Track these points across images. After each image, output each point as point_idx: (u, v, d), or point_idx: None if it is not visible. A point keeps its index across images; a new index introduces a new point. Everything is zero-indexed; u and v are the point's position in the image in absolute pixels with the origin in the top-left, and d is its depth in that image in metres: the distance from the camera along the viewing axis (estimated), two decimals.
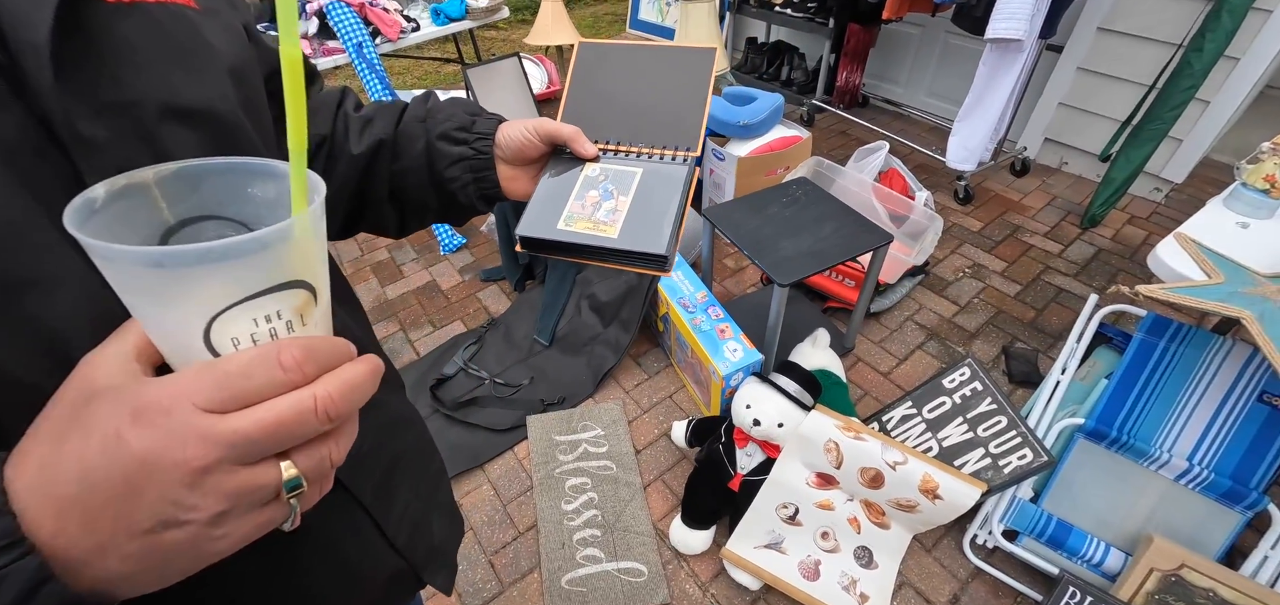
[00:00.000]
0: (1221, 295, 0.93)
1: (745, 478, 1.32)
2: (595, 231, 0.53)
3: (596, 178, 0.57)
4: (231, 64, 0.35)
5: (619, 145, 0.60)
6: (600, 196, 0.55)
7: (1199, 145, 2.21)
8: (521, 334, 1.93)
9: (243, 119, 0.35)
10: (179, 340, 0.23)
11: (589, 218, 0.54)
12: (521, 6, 5.16)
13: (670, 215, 0.53)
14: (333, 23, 2.31)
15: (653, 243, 0.51)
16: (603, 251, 0.53)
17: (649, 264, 0.53)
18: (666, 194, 0.55)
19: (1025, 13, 1.85)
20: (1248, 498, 1.12)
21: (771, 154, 2.07)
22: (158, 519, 0.21)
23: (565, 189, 0.56)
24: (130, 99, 0.28)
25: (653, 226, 0.52)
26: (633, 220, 0.53)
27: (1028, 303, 1.96)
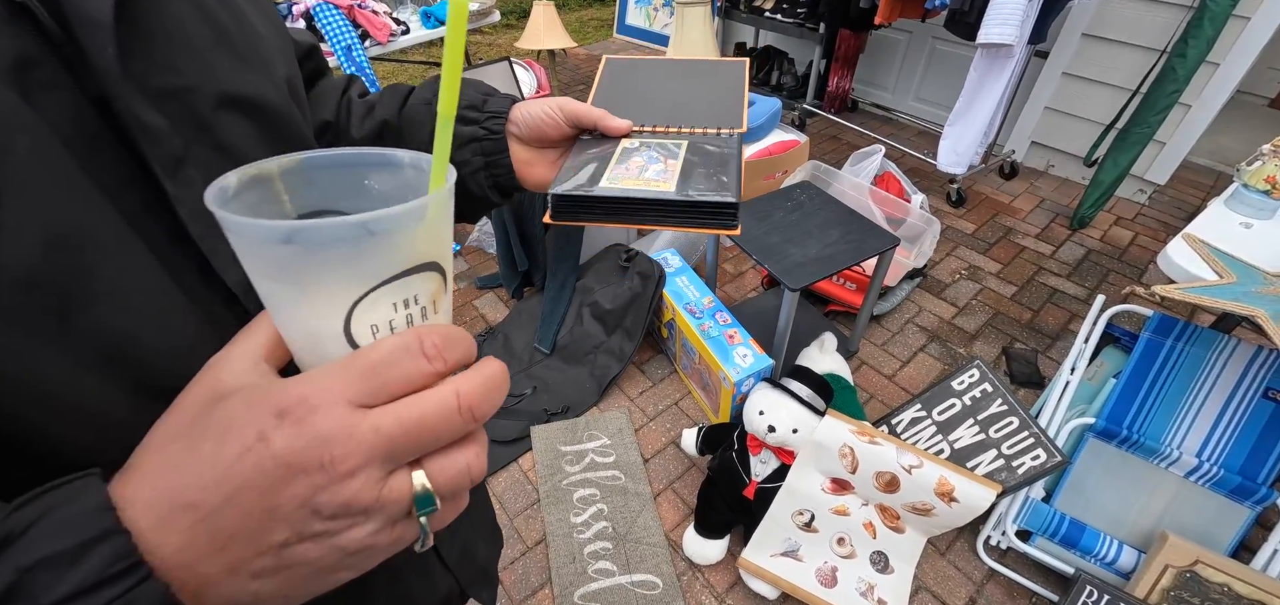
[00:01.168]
0: (1235, 295, 0.95)
1: (760, 485, 1.30)
2: (648, 187, 0.46)
3: (636, 148, 0.50)
4: (277, 49, 0.34)
5: (657, 127, 0.55)
6: (645, 161, 0.49)
7: (1181, 148, 2.28)
8: (521, 343, 1.89)
9: (293, 108, 0.33)
10: (315, 332, 0.21)
11: (637, 177, 0.47)
12: (512, 11, 5.12)
13: (732, 169, 0.47)
14: (320, 25, 2.25)
15: (720, 191, 0.45)
16: (659, 206, 0.45)
17: (715, 219, 0.46)
18: (722, 153, 0.50)
19: (1016, 18, 1.88)
20: (1256, 492, 1.14)
21: (770, 158, 2.07)
22: (295, 530, 0.19)
23: (602, 157, 0.49)
24: (187, 85, 0.26)
25: (714, 179, 0.46)
26: (688, 177, 0.47)
27: (1024, 303, 1.99)
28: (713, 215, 0.46)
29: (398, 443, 0.20)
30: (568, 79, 4.01)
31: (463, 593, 0.50)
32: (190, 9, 0.27)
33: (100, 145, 0.23)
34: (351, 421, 0.19)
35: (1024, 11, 1.84)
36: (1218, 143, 2.70)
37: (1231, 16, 1.85)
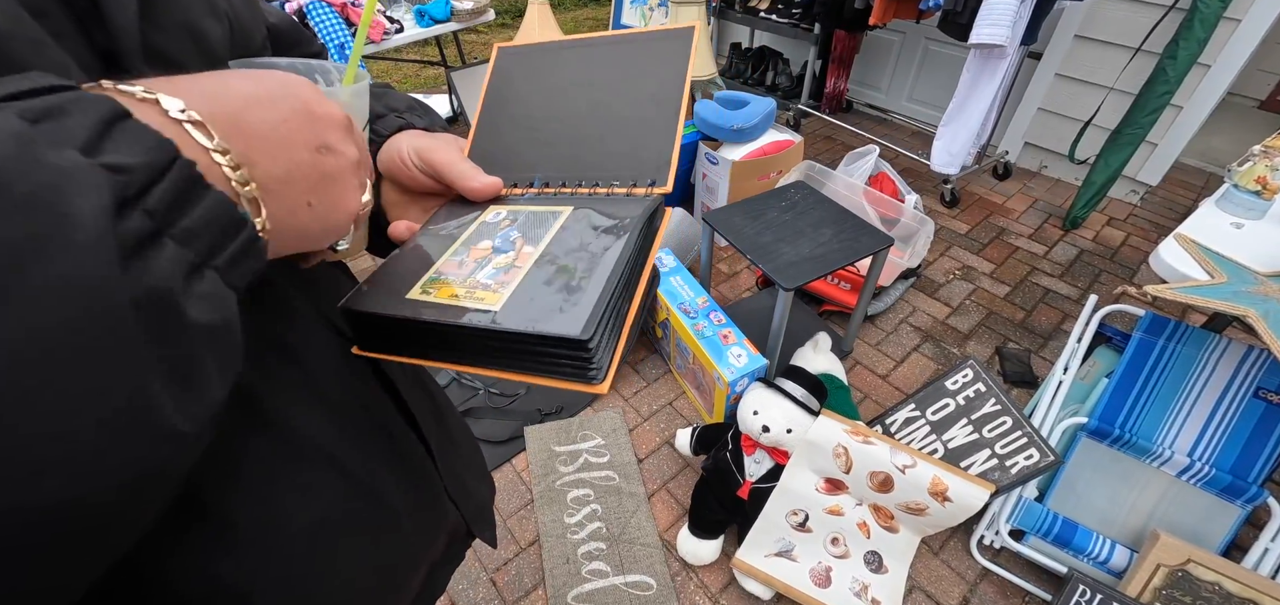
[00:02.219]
0: (1227, 294, 0.95)
1: (754, 485, 1.30)
2: (467, 300, 0.32)
3: (497, 223, 0.38)
4: (253, 22, 0.37)
5: (546, 187, 0.42)
6: (494, 247, 0.36)
7: (1173, 149, 2.29)
8: None
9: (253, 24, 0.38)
10: None
11: (464, 280, 0.33)
12: (507, 10, 5.10)
13: (602, 277, 0.32)
14: (313, 22, 2.23)
15: (561, 320, 0.30)
16: (475, 337, 0.31)
17: (563, 364, 0.30)
18: (604, 244, 0.34)
19: (1008, 19, 1.88)
20: (1247, 491, 1.14)
21: (765, 158, 2.07)
22: (321, 140, 0.27)
23: (443, 242, 0.37)
24: (178, 57, 0.28)
25: (573, 297, 0.31)
26: (535, 283, 0.32)
27: (1017, 303, 2.00)
28: (559, 357, 0.30)
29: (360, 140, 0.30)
30: None
31: (468, 530, 0.53)
32: None
33: None
34: (330, 103, 0.28)
35: (1015, 12, 1.84)
36: (1209, 144, 2.72)
37: (1222, 19, 1.86)
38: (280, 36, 0.43)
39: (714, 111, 2.06)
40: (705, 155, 2.13)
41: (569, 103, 0.44)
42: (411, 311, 0.32)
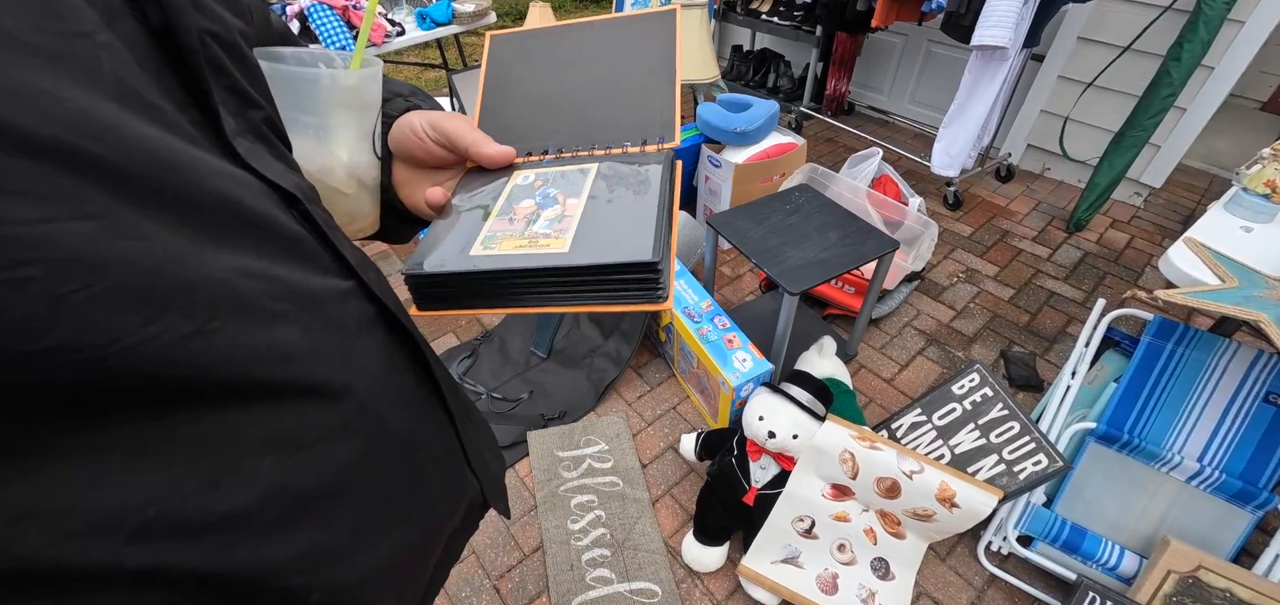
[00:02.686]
0: (1238, 299, 0.94)
1: (760, 492, 1.29)
2: (531, 249, 0.35)
3: (530, 185, 0.41)
4: (261, 13, 0.39)
5: (561, 152, 0.44)
6: (537, 205, 0.39)
7: (1176, 151, 2.28)
8: (517, 347, 1.87)
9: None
10: (327, 152, 0.40)
11: (521, 234, 0.36)
12: (508, 11, 5.10)
13: (650, 211, 0.36)
14: (314, 25, 2.22)
15: (630, 248, 0.34)
16: (553, 277, 0.35)
17: (633, 287, 0.34)
18: (641, 186, 0.38)
19: (1010, 21, 1.88)
20: (1258, 497, 1.13)
21: (768, 161, 2.06)
22: None
23: (479, 209, 0.40)
24: (220, 31, 0.29)
25: (626, 228, 0.35)
26: (592, 226, 0.36)
27: (1021, 306, 1.99)
28: (629, 282, 0.34)
29: None
30: None
31: (484, 501, 0.52)
32: None
33: (164, 72, 0.26)
34: None
35: (1017, 14, 1.84)
36: (1211, 146, 2.72)
37: (1226, 21, 1.86)
38: (284, 40, 0.45)
39: (717, 114, 2.06)
40: (708, 158, 2.12)
41: (568, 79, 0.47)
42: (484, 266, 0.35)
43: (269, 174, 0.29)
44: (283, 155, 0.33)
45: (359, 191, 0.42)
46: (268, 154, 0.31)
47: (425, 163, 0.45)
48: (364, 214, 0.43)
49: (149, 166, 0.22)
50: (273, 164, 0.30)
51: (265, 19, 0.40)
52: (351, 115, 0.39)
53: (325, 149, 0.39)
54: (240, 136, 0.29)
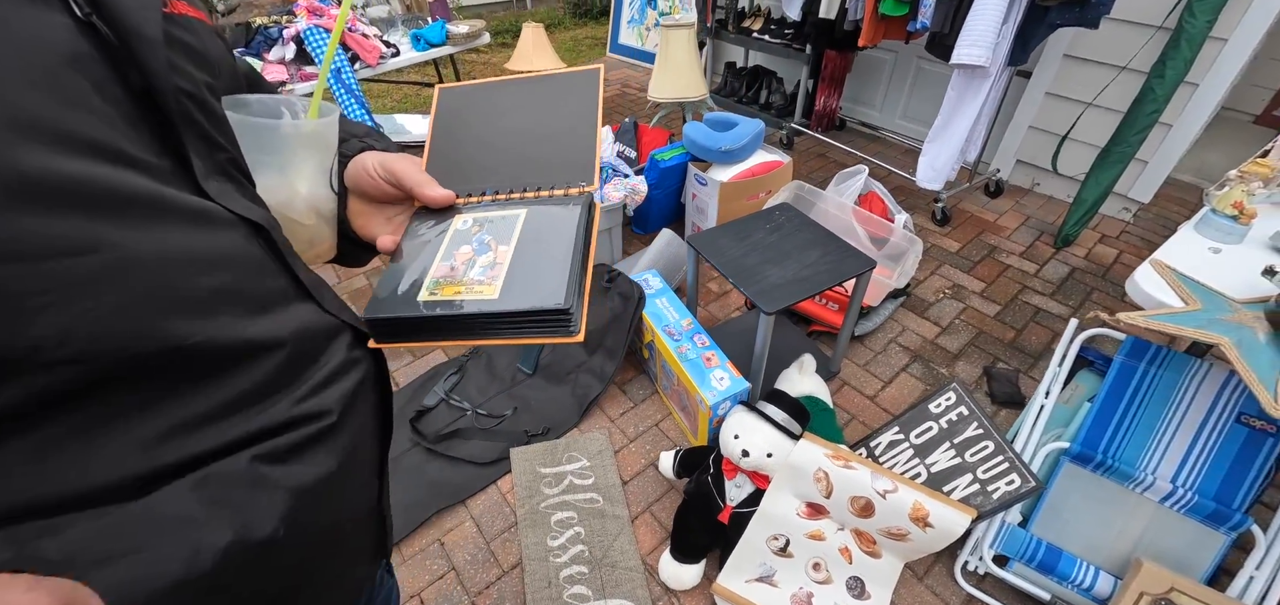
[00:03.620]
0: (1200, 322, 0.95)
1: (735, 510, 1.30)
2: (468, 295, 0.42)
3: (468, 231, 0.47)
4: (228, 64, 0.44)
5: (496, 194, 0.50)
6: (474, 251, 0.45)
7: (1164, 166, 2.29)
8: (504, 363, 1.89)
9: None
10: (289, 187, 0.44)
11: (460, 280, 0.43)
12: (503, 31, 5.18)
13: (565, 259, 0.43)
14: (310, 49, 2.28)
15: (545, 295, 0.41)
16: (484, 320, 0.41)
17: (549, 326, 0.41)
18: (559, 236, 0.45)
19: (988, 41, 1.89)
20: (1231, 518, 1.13)
21: (753, 179, 2.08)
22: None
23: (428, 252, 0.46)
24: (192, 89, 0.35)
25: (544, 276, 0.42)
26: (517, 273, 0.43)
27: (1007, 323, 1.99)
28: (543, 322, 0.41)
29: None
30: None
31: (385, 546, 0.54)
32: (180, 40, 0.36)
33: (142, 126, 0.31)
34: None
35: (995, 33, 1.86)
36: (1203, 159, 2.72)
37: (1208, 38, 1.87)
38: (251, 83, 0.50)
39: (702, 133, 2.08)
40: (694, 176, 2.15)
41: (505, 128, 0.54)
42: (429, 311, 0.42)
43: (236, 208, 0.34)
44: (248, 191, 0.38)
45: (318, 222, 0.47)
46: (234, 191, 0.36)
47: (376, 198, 0.50)
48: (322, 241, 0.49)
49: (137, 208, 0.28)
50: (239, 199, 0.35)
51: (232, 69, 0.45)
52: (310, 156, 0.44)
53: (287, 185, 0.43)
54: (209, 178, 0.34)
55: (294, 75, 2.33)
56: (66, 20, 0.28)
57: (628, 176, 2.11)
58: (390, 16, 2.70)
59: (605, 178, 2.11)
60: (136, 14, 0.31)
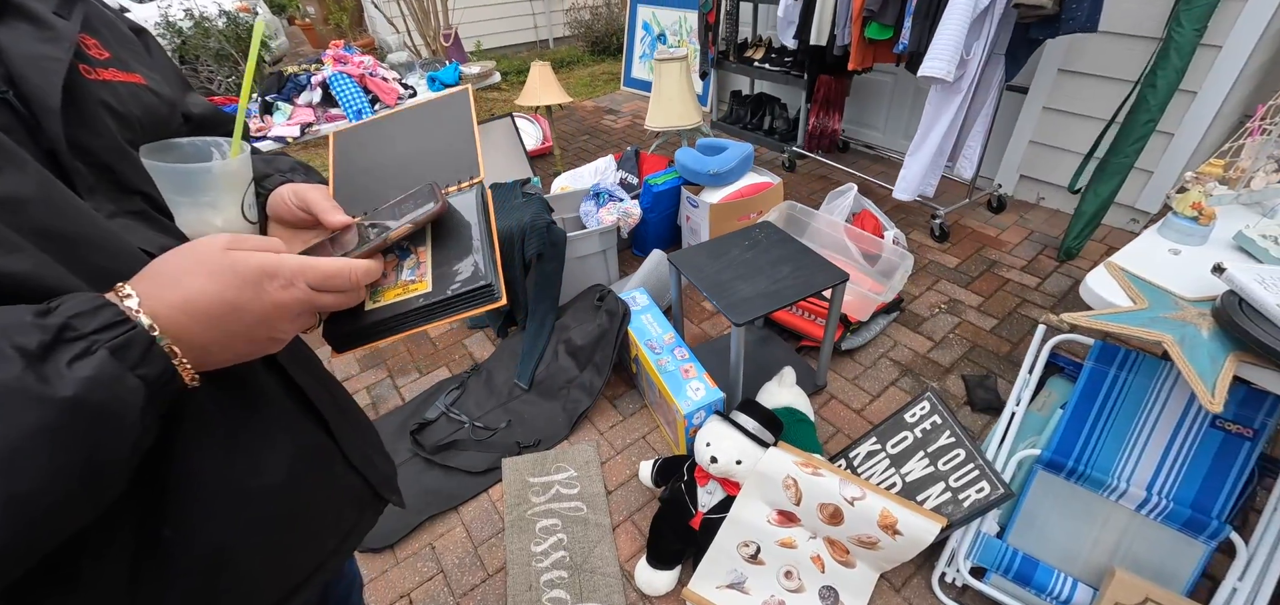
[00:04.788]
0: (1143, 320, 0.96)
1: (706, 516, 1.33)
2: (406, 295, 0.49)
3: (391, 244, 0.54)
4: (160, 116, 0.51)
5: (402, 201, 0.57)
6: (399, 257, 0.53)
7: (1168, 176, 2.24)
8: (502, 379, 1.98)
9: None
10: (204, 221, 0.49)
11: (395, 284, 0.51)
12: (514, 70, 5.45)
13: (476, 242, 0.51)
14: (335, 92, 2.49)
15: (470, 277, 0.49)
16: (424, 310, 0.49)
17: (477, 298, 0.50)
18: (464, 225, 0.53)
19: (948, 55, 1.92)
20: (1210, 526, 1.10)
21: (743, 200, 2.15)
22: (267, 337, 0.40)
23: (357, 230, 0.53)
24: (94, 147, 0.42)
25: (464, 261, 0.50)
26: (441, 266, 0.50)
27: (1003, 336, 1.97)
28: (472, 298, 0.49)
29: (311, 304, 0.42)
30: (573, 129, 4.22)
31: (375, 494, 0.63)
32: (100, 102, 0.44)
33: (57, 172, 0.38)
34: (301, 295, 0.41)
35: (957, 48, 1.89)
36: None
37: (1200, 46, 1.85)
38: (202, 123, 0.57)
39: (693, 158, 2.17)
40: (687, 199, 2.23)
41: (396, 153, 0.63)
42: (381, 315, 0.50)
43: (141, 243, 0.41)
44: (160, 226, 0.46)
45: None
46: (143, 228, 0.44)
47: (292, 224, 0.56)
48: None
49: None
50: (144, 234, 0.43)
51: (168, 112, 0.52)
52: (225, 192, 0.51)
53: (202, 219, 0.50)
54: (115, 217, 0.42)
55: (320, 117, 2.55)
56: None
57: (622, 201, 2.20)
58: (409, 60, 2.92)
59: (601, 203, 2.21)
60: (41, 89, 0.38)
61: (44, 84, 0.39)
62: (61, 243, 0.35)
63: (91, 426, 0.30)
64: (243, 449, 0.46)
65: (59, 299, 0.32)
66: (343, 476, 0.59)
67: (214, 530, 0.43)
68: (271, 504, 0.48)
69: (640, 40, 4.57)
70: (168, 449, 0.39)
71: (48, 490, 0.28)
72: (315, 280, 0.42)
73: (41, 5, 0.43)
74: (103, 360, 0.30)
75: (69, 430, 0.29)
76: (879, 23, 2.18)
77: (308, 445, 0.54)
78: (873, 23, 2.20)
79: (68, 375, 0.29)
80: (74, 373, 0.29)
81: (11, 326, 0.29)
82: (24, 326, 0.29)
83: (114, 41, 0.50)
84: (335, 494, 0.58)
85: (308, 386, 0.54)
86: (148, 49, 0.56)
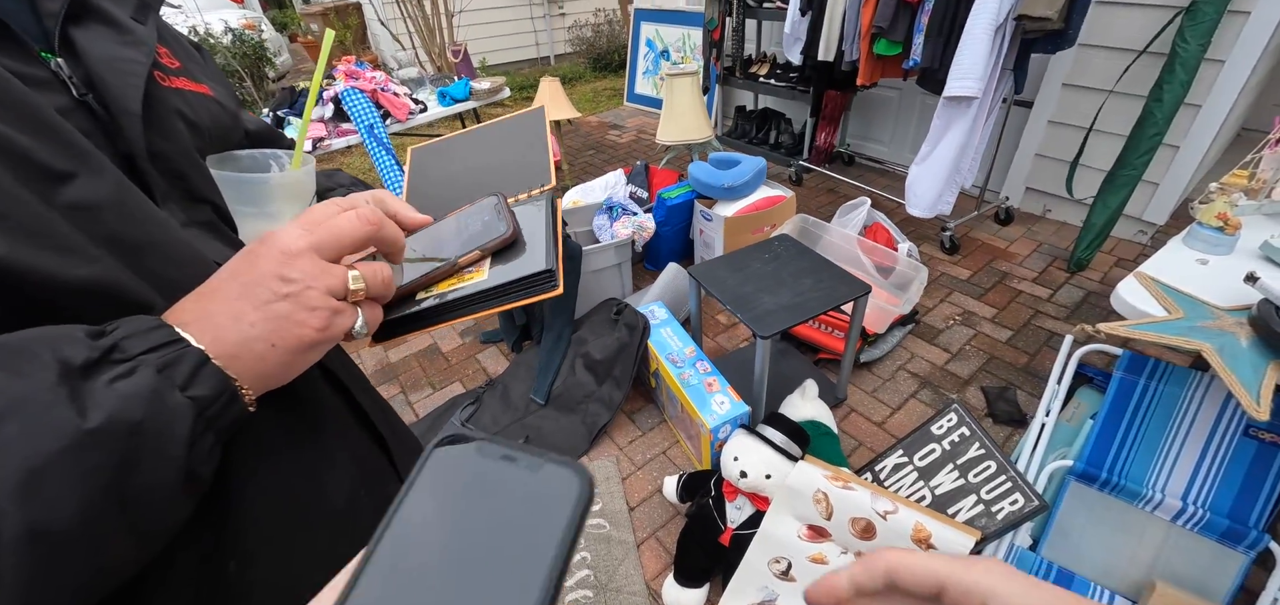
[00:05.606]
0: (1181, 330, 0.96)
1: (736, 532, 1.31)
2: (462, 283, 0.48)
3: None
4: (226, 128, 0.51)
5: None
6: None
7: (1176, 188, 2.27)
8: (519, 394, 1.96)
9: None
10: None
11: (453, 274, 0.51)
12: (527, 86, 5.49)
13: (542, 235, 0.51)
14: (346, 107, 2.49)
15: (531, 264, 0.48)
16: (481, 296, 0.48)
17: (536, 287, 0.48)
18: (532, 221, 0.53)
19: (978, 72, 1.95)
20: (1248, 536, 1.09)
21: (757, 213, 2.15)
22: (271, 291, 0.33)
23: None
24: (169, 152, 0.42)
25: (527, 252, 0.49)
26: (501, 257, 0.50)
27: (1020, 348, 1.97)
28: (530, 286, 0.48)
29: (321, 238, 0.35)
30: (579, 144, 4.24)
31: (391, 460, 0.57)
32: (175, 110, 0.44)
33: (134, 177, 0.38)
34: (296, 233, 0.35)
35: (985, 64, 1.92)
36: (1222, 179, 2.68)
37: (1205, 61, 1.89)
38: (258, 138, 0.58)
39: (706, 172, 2.18)
40: (700, 213, 2.23)
41: (470, 165, 0.65)
42: (435, 301, 0.48)
43: (211, 255, 0.40)
44: (226, 237, 0.46)
45: None
46: (213, 239, 0.43)
47: None
48: None
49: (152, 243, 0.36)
50: (214, 245, 0.42)
51: (229, 132, 0.51)
52: (288, 203, 0.51)
53: (266, 229, 0.50)
54: (188, 227, 0.41)
55: (331, 132, 2.55)
56: (66, 99, 0.35)
57: (635, 214, 2.21)
58: (419, 76, 2.93)
59: (614, 216, 2.21)
60: (121, 93, 0.38)
61: (124, 88, 0.38)
62: (135, 251, 0.34)
63: (129, 447, 0.27)
64: (305, 472, 0.44)
65: (118, 321, 0.30)
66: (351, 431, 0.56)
67: (279, 561, 0.41)
68: (332, 529, 0.46)
69: (644, 57, 4.62)
70: (228, 476, 0.37)
71: (80, 519, 0.25)
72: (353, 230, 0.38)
73: (119, 9, 0.42)
74: (145, 377, 0.28)
75: (103, 450, 0.26)
76: (888, 39, 2.21)
77: (366, 464, 0.52)
78: (882, 39, 2.23)
79: (106, 393, 0.27)
80: (114, 390, 0.27)
81: (62, 338, 0.27)
82: (74, 340, 0.27)
83: (181, 53, 0.50)
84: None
85: (361, 398, 0.53)
86: (205, 62, 0.56)
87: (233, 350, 0.32)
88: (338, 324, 0.35)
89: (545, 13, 6.42)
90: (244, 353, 0.32)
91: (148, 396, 0.28)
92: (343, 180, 0.61)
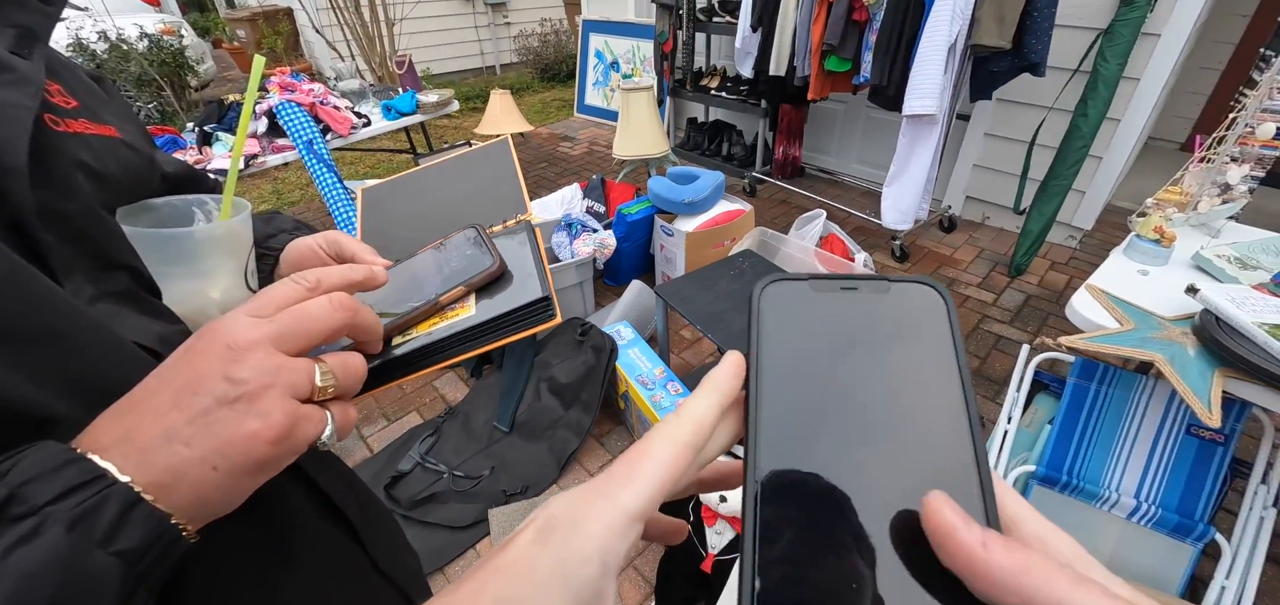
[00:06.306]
0: (1135, 341, 1.01)
1: (717, 558, 1.28)
2: (448, 321, 0.43)
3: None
4: (139, 175, 0.42)
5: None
6: None
7: (1101, 195, 2.45)
8: (481, 422, 1.86)
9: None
10: (194, 291, 0.41)
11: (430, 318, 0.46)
12: (473, 96, 5.33)
13: (528, 264, 0.47)
14: (282, 121, 2.32)
15: (526, 293, 0.44)
16: (472, 333, 0.43)
17: (532, 318, 0.44)
18: (513, 251, 0.48)
19: (934, 90, 2.04)
20: (1195, 529, 1.16)
21: (717, 227, 2.15)
22: (213, 396, 0.26)
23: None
24: (78, 207, 0.34)
25: (517, 282, 0.45)
26: (488, 292, 0.45)
27: (972, 352, 2.06)
28: (526, 317, 0.44)
29: (283, 327, 0.29)
30: (530, 156, 4.15)
31: (407, 597, 0.54)
32: (74, 160, 0.36)
33: (22, 245, 0.30)
34: (247, 322, 0.29)
35: (941, 84, 2.00)
36: (1138, 186, 2.92)
37: (1123, 78, 2.05)
38: (177, 182, 0.48)
39: (666, 186, 2.16)
40: (661, 228, 2.21)
41: (435, 201, 0.60)
42: (420, 343, 0.42)
43: (130, 333, 0.32)
44: (149, 307, 0.37)
45: None
46: (133, 313, 0.35)
47: None
48: None
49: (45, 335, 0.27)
50: (133, 320, 0.34)
51: (145, 176, 0.43)
52: (223, 258, 0.42)
53: (197, 293, 0.41)
54: (98, 302, 0.33)
55: (266, 148, 2.36)
56: None
57: (596, 231, 2.16)
58: (361, 88, 2.77)
59: (574, 233, 2.16)
60: (3, 146, 0.29)
61: (8, 138, 0.30)
62: (27, 345, 0.27)
63: None
64: (256, 581, 0.37)
65: (12, 454, 0.23)
66: (375, 589, 0.50)
67: None
68: None
69: (593, 68, 4.58)
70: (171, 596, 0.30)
71: None
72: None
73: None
74: (55, 537, 0.22)
75: None
76: (838, 56, 2.27)
77: (334, 559, 0.45)
78: (832, 56, 2.29)
79: (4, 570, 0.21)
80: (10, 565, 0.21)
81: None
82: None
83: (79, 88, 0.41)
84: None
85: (328, 485, 0.46)
86: (108, 97, 0.46)
87: (164, 478, 0.25)
88: (301, 432, 0.28)
89: (490, 22, 6.28)
90: (179, 481, 0.25)
91: (63, 564, 0.21)
92: (285, 225, 0.52)
